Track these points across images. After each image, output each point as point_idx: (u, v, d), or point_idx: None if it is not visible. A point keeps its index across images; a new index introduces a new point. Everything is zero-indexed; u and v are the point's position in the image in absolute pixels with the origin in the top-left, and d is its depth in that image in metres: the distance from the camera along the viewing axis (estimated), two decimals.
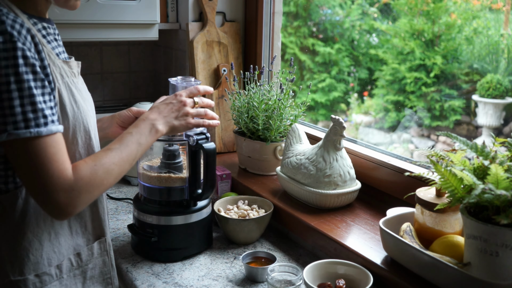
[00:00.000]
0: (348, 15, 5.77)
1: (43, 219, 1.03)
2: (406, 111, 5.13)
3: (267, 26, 2.06)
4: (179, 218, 1.39)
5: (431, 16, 5.04)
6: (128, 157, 1.06)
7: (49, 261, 1.04)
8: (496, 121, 4.32)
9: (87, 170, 0.98)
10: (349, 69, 5.79)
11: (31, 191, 0.95)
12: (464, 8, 4.94)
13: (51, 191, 0.93)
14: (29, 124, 0.90)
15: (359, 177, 1.58)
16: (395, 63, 5.25)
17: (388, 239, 1.19)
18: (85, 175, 0.97)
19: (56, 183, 0.93)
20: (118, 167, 1.04)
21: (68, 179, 0.94)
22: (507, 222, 0.93)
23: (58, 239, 1.06)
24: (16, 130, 0.89)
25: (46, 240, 1.04)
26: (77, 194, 0.95)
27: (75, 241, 1.10)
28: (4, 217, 0.99)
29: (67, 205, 0.95)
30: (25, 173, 0.93)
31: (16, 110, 0.89)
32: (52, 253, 1.05)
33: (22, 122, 0.90)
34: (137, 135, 1.10)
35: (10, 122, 0.89)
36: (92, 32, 1.85)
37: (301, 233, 1.46)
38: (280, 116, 1.73)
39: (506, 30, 4.49)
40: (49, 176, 0.92)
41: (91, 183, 0.98)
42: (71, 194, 0.94)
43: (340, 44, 5.76)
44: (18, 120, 0.89)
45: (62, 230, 1.07)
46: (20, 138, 0.90)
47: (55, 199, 0.93)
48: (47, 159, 0.92)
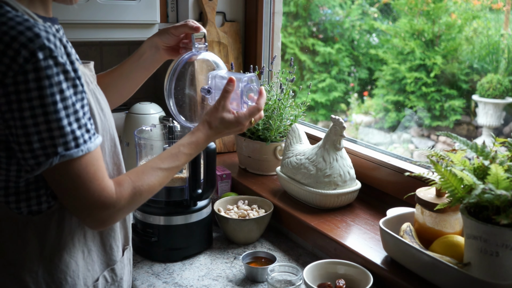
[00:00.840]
0: (348, 15, 5.77)
1: (78, 238, 0.98)
2: (406, 111, 5.13)
3: (267, 26, 2.06)
4: (179, 218, 1.39)
5: (431, 16, 5.04)
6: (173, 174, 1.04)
7: (85, 281, 1.00)
8: (496, 121, 4.32)
9: (130, 189, 0.94)
10: (350, 69, 5.79)
11: (72, 209, 0.92)
12: (464, 8, 4.94)
13: (93, 208, 0.89)
14: (78, 142, 0.85)
15: (359, 177, 1.58)
16: (395, 63, 5.25)
17: (388, 239, 1.19)
18: (128, 194, 0.94)
19: (98, 201, 0.89)
20: (159, 184, 1.01)
21: (110, 196, 0.91)
22: (507, 222, 0.93)
23: (91, 256, 1.01)
24: (68, 151, 0.84)
25: (80, 259, 0.99)
26: (118, 211, 0.92)
27: (108, 256, 1.06)
28: (39, 240, 0.93)
29: (106, 221, 0.92)
30: (65, 193, 0.89)
31: (66, 130, 0.84)
32: (86, 272, 1.00)
33: (73, 142, 0.85)
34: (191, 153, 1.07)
35: (61, 144, 0.83)
36: (92, 32, 1.85)
37: (301, 233, 1.46)
38: (280, 116, 1.73)
39: (506, 30, 4.49)
40: (91, 195, 0.88)
41: (133, 202, 0.95)
42: (112, 211, 0.91)
43: (340, 44, 5.76)
44: (69, 140, 0.84)
45: (94, 247, 1.02)
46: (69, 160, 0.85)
47: (95, 216, 0.90)
48: (90, 178, 0.88)
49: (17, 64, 0.79)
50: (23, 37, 0.80)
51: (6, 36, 0.80)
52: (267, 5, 2.05)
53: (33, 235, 0.92)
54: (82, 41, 2.19)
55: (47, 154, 0.83)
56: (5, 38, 0.80)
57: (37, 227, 0.93)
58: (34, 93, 0.80)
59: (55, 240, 0.94)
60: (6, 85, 0.80)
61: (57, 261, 0.95)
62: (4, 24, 0.81)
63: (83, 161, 0.87)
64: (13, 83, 0.80)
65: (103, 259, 1.04)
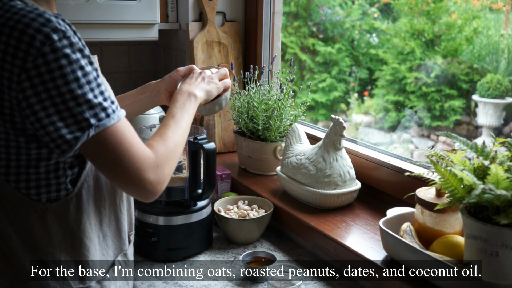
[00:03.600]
0: (348, 15, 5.77)
1: (94, 224, 1.01)
2: (406, 111, 5.13)
3: (267, 26, 2.06)
4: (179, 218, 1.39)
5: (432, 16, 5.05)
6: (185, 127, 1.09)
7: (102, 265, 1.03)
8: (496, 121, 4.32)
9: (161, 146, 0.99)
10: (350, 69, 5.79)
11: (120, 180, 0.93)
12: (464, 8, 4.94)
13: (141, 172, 0.92)
14: (108, 112, 0.89)
15: (359, 177, 1.58)
16: (395, 63, 5.25)
17: (388, 239, 1.19)
18: (161, 150, 0.98)
19: (143, 163, 0.92)
20: (182, 137, 1.06)
21: (151, 156, 0.94)
22: (507, 222, 0.93)
23: (106, 241, 1.05)
24: (100, 121, 0.87)
25: (97, 244, 1.02)
26: (162, 169, 0.96)
27: (122, 241, 1.10)
28: (60, 226, 0.96)
29: (157, 182, 0.95)
30: (111, 164, 0.91)
31: (94, 102, 0.87)
32: (102, 256, 1.04)
33: (102, 112, 0.88)
34: (182, 105, 1.12)
35: (92, 116, 0.87)
36: (92, 32, 1.85)
37: (301, 233, 1.46)
38: (280, 116, 1.73)
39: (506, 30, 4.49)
40: (136, 159, 0.91)
41: (168, 156, 0.99)
42: (157, 170, 0.95)
43: (340, 44, 5.77)
44: (98, 111, 0.87)
45: (110, 232, 1.06)
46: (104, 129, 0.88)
47: (146, 179, 0.93)
48: (129, 142, 0.91)
49: (34, 48, 0.83)
50: (36, 23, 0.84)
51: (19, 24, 0.84)
52: (267, 5, 2.05)
53: (53, 221, 0.95)
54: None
55: (81, 128, 0.86)
56: (19, 25, 0.84)
57: (56, 213, 0.96)
58: (57, 73, 0.84)
59: (74, 225, 0.97)
60: (28, 70, 0.83)
61: (77, 245, 0.98)
62: (16, 14, 0.85)
63: (119, 128, 0.90)
64: (34, 67, 0.83)
65: (117, 244, 1.09)
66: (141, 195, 0.96)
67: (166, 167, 0.98)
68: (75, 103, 0.86)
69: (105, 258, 1.05)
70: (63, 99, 0.85)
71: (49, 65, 0.83)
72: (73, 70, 0.85)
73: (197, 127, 1.50)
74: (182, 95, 1.15)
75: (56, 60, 0.84)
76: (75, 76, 0.85)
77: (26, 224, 0.94)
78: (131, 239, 1.16)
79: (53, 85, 0.84)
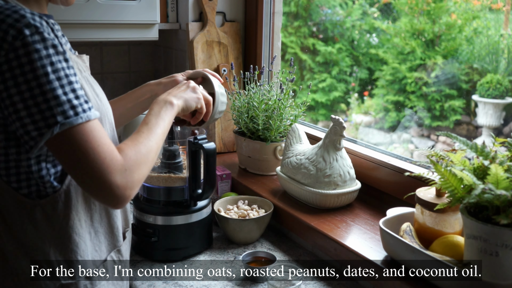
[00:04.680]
0: (348, 15, 5.78)
1: (84, 220, 1.02)
2: (406, 111, 5.13)
3: (267, 26, 2.06)
4: (179, 218, 1.39)
5: (432, 16, 5.05)
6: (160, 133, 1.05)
7: (94, 261, 1.04)
8: (496, 121, 4.32)
9: (131, 150, 0.96)
10: (351, 69, 5.79)
11: (85, 182, 0.91)
12: (464, 8, 4.94)
13: (107, 173, 0.89)
14: (77, 110, 0.87)
15: (359, 177, 1.58)
16: (395, 63, 5.25)
17: (388, 239, 1.19)
18: (131, 154, 0.95)
19: (110, 164, 0.89)
20: (155, 143, 1.03)
21: (120, 159, 0.92)
22: (507, 222, 0.93)
23: (98, 237, 1.06)
24: (67, 119, 0.86)
25: (88, 240, 1.03)
26: (130, 173, 0.93)
27: (115, 238, 1.10)
28: (48, 222, 0.97)
29: (124, 187, 0.92)
30: (76, 163, 0.89)
31: (62, 99, 0.86)
32: (94, 252, 1.05)
33: (71, 110, 0.87)
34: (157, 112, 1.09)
35: (59, 113, 0.86)
36: (92, 32, 1.85)
37: (301, 233, 1.46)
38: (280, 116, 1.73)
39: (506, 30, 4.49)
40: (102, 159, 0.89)
41: (138, 161, 0.96)
42: (125, 174, 0.92)
43: (340, 44, 5.77)
44: (66, 108, 0.86)
45: (101, 228, 1.06)
46: (71, 127, 0.87)
47: (113, 182, 0.90)
48: (97, 142, 0.89)
49: (6, 43, 0.84)
50: (10, 19, 0.85)
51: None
52: (267, 5, 2.05)
53: (42, 217, 0.96)
54: (82, 41, 2.19)
55: (48, 125, 0.86)
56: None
57: (45, 210, 0.96)
58: (27, 67, 0.84)
59: (63, 221, 0.98)
60: (1, 64, 0.84)
61: (67, 242, 0.99)
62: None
63: (86, 128, 0.89)
64: (6, 61, 0.84)
65: (110, 240, 1.09)
66: (108, 199, 0.93)
67: (135, 172, 0.94)
68: (43, 99, 0.85)
69: (98, 254, 1.06)
70: (32, 94, 0.85)
71: (20, 59, 0.84)
72: (43, 65, 0.85)
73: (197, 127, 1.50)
74: (158, 103, 1.12)
75: (27, 54, 0.84)
76: (44, 71, 0.85)
77: (17, 220, 0.95)
78: (126, 235, 1.16)
79: (23, 79, 0.84)
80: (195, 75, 1.36)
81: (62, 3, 1.02)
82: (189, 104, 1.18)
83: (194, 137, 1.36)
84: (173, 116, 1.12)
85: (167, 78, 1.33)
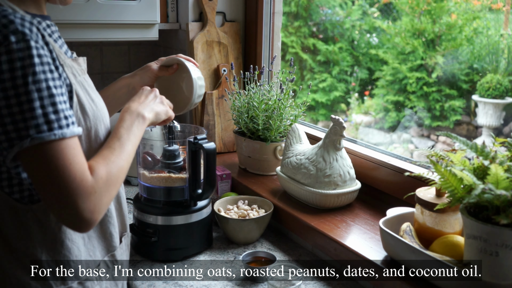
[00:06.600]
0: (348, 15, 5.78)
1: None
2: (406, 111, 5.13)
3: (267, 26, 2.06)
4: (179, 218, 1.39)
5: (432, 16, 5.05)
6: (131, 151, 1.03)
7: (87, 266, 1.03)
8: (496, 121, 4.32)
9: (102, 170, 0.91)
10: (351, 69, 5.79)
11: (50, 201, 0.87)
12: (464, 8, 4.94)
13: (74, 195, 0.85)
14: (52, 126, 0.84)
15: (359, 177, 1.58)
16: (395, 63, 5.25)
17: (388, 239, 1.19)
18: (102, 174, 0.91)
19: (79, 186, 0.85)
20: (126, 162, 1.00)
21: (90, 180, 0.88)
22: (507, 222, 0.93)
23: (91, 242, 1.04)
24: (39, 134, 0.83)
25: (81, 245, 1.01)
26: (99, 196, 0.89)
27: (108, 242, 1.08)
28: (40, 227, 0.95)
29: (92, 211, 0.87)
30: (43, 181, 0.85)
31: (37, 112, 0.83)
32: (88, 257, 1.03)
33: (45, 125, 0.83)
34: (130, 126, 1.05)
35: (32, 126, 0.82)
36: (92, 32, 1.85)
37: (301, 233, 1.46)
38: (280, 116, 1.73)
39: (506, 30, 4.49)
40: (72, 180, 0.85)
41: (108, 182, 0.92)
42: (94, 197, 0.88)
43: (340, 44, 5.77)
44: (40, 122, 0.83)
45: (94, 233, 1.05)
46: (42, 143, 0.83)
47: (79, 205, 0.86)
48: (68, 161, 0.85)
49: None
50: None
51: None
52: (267, 5, 2.05)
53: (34, 223, 0.95)
54: (82, 41, 2.19)
55: (20, 137, 0.83)
56: None
57: (37, 215, 0.95)
58: (7, 75, 0.82)
59: (56, 226, 0.97)
60: None
61: (59, 247, 0.98)
62: None
63: (59, 146, 0.85)
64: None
65: (103, 245, 1.08)
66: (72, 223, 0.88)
67: (104, 195, 0.90)
68: (19, 109, 0.83)
69: (92, 259, 1.04)
70: (8, 103, 0.83)
71: (1, 66, 0.82)
72: (24, 75, 0.82)
73: (197, 127, 1.50)
74: (131, 114, 1.08)
75: (9, 62, 0.82)
76: (24, 81, 0.82)
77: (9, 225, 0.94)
78: (123, 239, 1.15)
79: (1, 87, 0.82)
80: (170, 62, 1.35)
81: (61, 2, 1.00)
82: (159, 117, 1.16)
83: (194, 137, 1.36)
84: (143, 130, 1.09)
85: (142, 69, 1.32)
